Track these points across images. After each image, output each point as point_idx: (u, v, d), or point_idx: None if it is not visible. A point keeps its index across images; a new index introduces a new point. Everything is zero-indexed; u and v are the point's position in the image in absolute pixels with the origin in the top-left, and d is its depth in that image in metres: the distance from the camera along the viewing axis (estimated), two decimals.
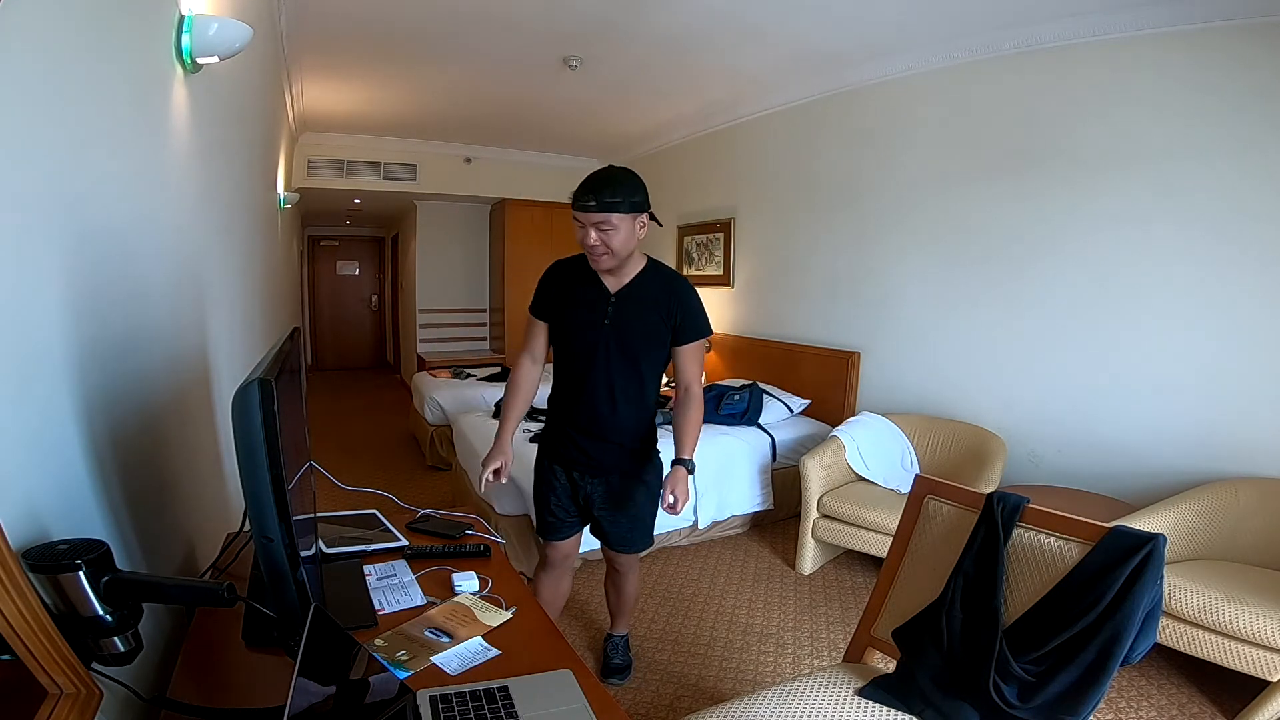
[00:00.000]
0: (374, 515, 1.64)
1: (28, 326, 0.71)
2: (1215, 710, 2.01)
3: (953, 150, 3.25)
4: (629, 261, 1.73)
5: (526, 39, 3.36)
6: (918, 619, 1.34)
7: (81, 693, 0.66)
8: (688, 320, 1.77)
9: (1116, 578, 1.10)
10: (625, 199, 1.59)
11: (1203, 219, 2.47)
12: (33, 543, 0.67)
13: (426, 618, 1.17)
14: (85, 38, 0.89)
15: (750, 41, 3.32)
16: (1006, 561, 1.24)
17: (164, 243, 1.31)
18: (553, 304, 1.81)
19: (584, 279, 1.76)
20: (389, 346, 9.75)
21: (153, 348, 1.20)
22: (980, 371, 3.19)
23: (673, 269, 1.84)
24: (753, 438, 3.43)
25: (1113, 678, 1.11)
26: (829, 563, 3.07)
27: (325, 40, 3.42)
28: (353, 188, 5.75)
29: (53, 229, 0.78)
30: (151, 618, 0.94)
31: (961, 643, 1.25)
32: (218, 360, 1.80)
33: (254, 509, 0.76)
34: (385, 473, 4.39)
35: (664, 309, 1.75)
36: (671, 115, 4.79)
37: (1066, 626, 1.12)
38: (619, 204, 1.58)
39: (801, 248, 4.13)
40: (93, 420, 0.87)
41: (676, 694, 2.10)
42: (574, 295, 1.77)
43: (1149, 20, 2.53)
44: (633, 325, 1.74)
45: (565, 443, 1.85)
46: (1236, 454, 2.40)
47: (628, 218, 1.61)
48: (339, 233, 9.47)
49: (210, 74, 1.64)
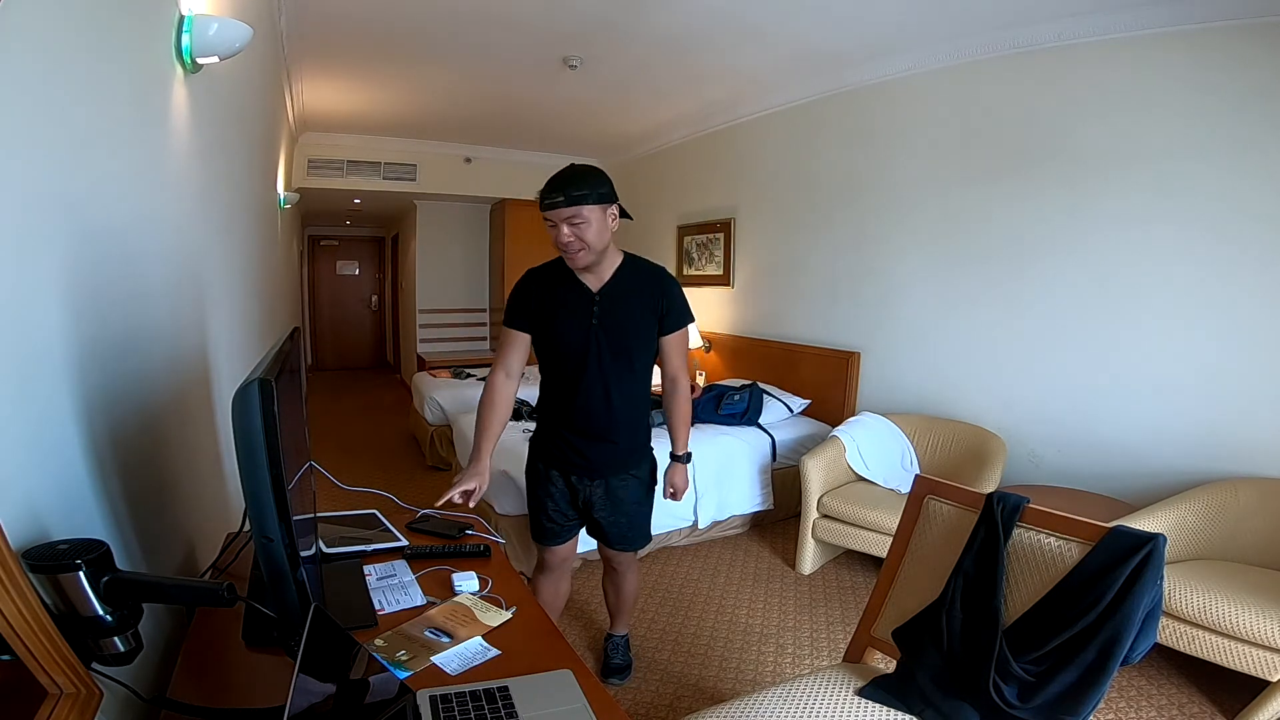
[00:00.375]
0: (374, 515, 1.64)
1: (28, 326, 0.71)
2: (1215, 710, 2.01)
3: (953, 150, 3.25)
4: (606, 257, 1.70)
5: (526, 39, 3.36)
6: (918, 619, 1.34)
7: (81, 693, 0.66)
8: (674, 308, 1.75)
9: (1116, 578, 1.10)
10: (592, 190, 1.58)
11: (1203, 219, 2.47)
12: (33, 543, 0.67)
13: (426, 618, 1.17)
14: (85, 38, 0.89)
15: (750, 41, 3.32)
16: (1006, 561, 1.24)
17: (164, 243, 1.31)
18: (534, 313, 1.76)
19: (564, 282, 1.73)
20: (389, 346, 9.75)
21: (153, 348, 1.20)
22: (980, 371, 3.19)
23: (648, 259, 1.83)
24: (753, 438, 3.43)
25: (1112, 678, 1.11)
26: (829, 563, 3.07)
27: (325, 40, 3.42)
28: (353, 188, 5.75)
29: (53, 229, 0.78)
30: (151, 618, 0.94)
31: (961, 643, 1.25)
32: (218, 360, 1.80)
33: (254, 509, 0.76)
34: (385, 473, 4.39)
35: (651, 300, 1.73)
36: (671, 115, 4.79)
37: (1066, 627, 1.12)
38: (586, 195, 1.57)
39: (801, 248, 4.13)
40: (93, 420, 0.87)
41: (676, 694, 2.10)
42: (556, 300, 1.73)
43: (1149, 20, 2.53)
44: (622, 321, 1.71)
45: (561, 446, 1.82)
46: (1236, 454, 2.40)
47: (597, 209, 1.60)
48: (339, 233, 9.47)
49: (210, 74, 1.64)
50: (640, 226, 5.91)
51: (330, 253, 9.53)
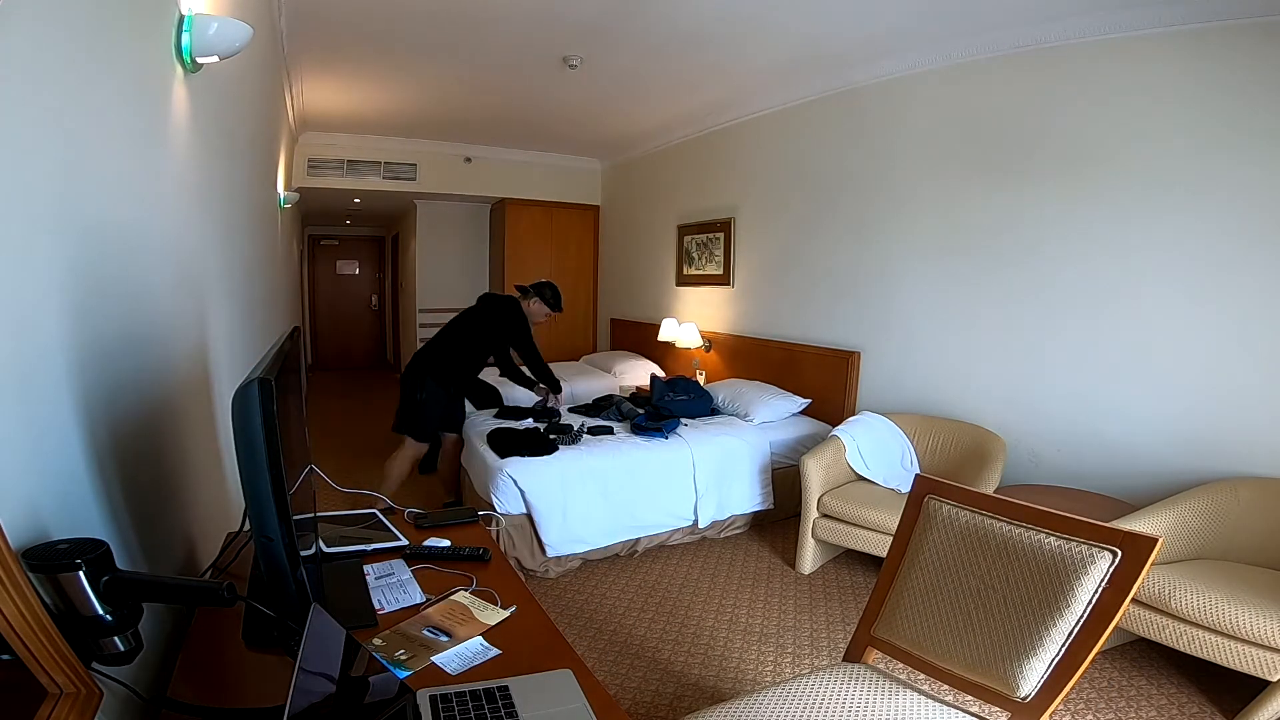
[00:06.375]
0: (374, 515, 1.64)
1: (29, 327, 0.71)
2: (1215, 710, 2.01)
3: (953, 150, 3.25)
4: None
5: (526, 39, 3.36)
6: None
7: (81, 692, 0.65)
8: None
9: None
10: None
11: (1203, 219, 2.46)
12: (33, 543, 0.67)
13: (424, 616, 1.17)
14: (85, 37, 0.89)
15: (750, 41, 3.32)
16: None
17: (164, 242, 1.31)
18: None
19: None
20: (389, 346, 9.75)
21: (153, 347, 1.20)
22: (981, 371, 3.19)
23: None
24: (753, 437, 3.44)
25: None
26: (829, 562, 3.07)
27: (325, 40, 3.42)
28: (353, 187, 5.75)
29: (53, 228, 0.78)
30: (151, 618, 0.94)
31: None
32: (218, 360, 1.80)
33: (254, 508, 0.76)
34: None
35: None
36: (671, 115, 4.79)
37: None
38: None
39: (801, 247, 4.13)
40: (93, 420, 0.87)
41: (676, 694, 2.10)
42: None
43: (1149, 20, 2.53)
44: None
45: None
46: (1236, 454, 2.40)
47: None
48: (339, 232, 9.47)
49: (210, 74, 1.64)
50: (640, 226, 5.91)
51: (330, 253, 9.52)
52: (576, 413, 3.75)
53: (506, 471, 2.81)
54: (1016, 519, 1.30)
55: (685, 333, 4.94)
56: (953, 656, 1.32)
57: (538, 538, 2.83)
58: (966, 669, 1.31)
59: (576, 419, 3.57)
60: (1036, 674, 1.20)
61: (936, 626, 1.35)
